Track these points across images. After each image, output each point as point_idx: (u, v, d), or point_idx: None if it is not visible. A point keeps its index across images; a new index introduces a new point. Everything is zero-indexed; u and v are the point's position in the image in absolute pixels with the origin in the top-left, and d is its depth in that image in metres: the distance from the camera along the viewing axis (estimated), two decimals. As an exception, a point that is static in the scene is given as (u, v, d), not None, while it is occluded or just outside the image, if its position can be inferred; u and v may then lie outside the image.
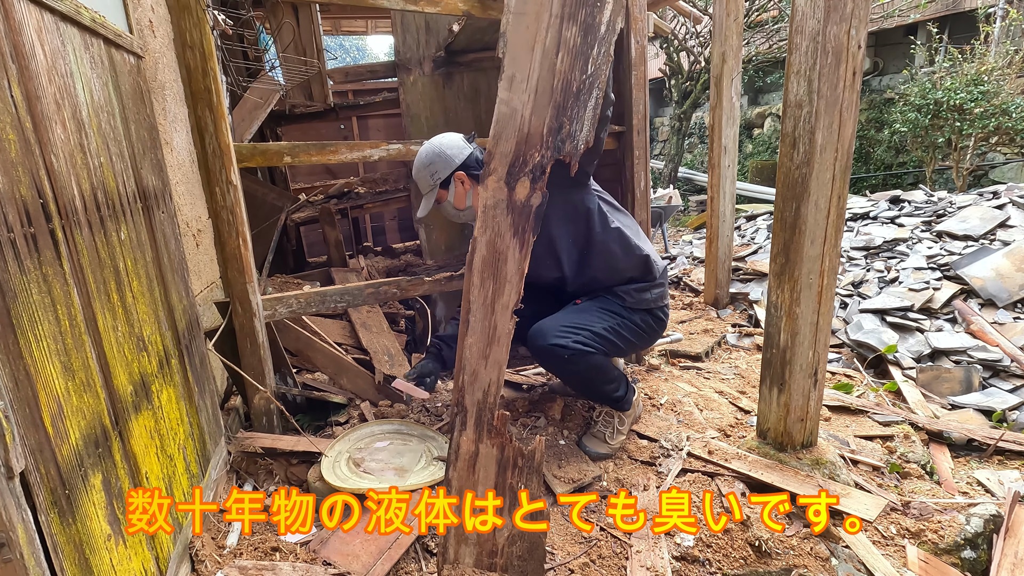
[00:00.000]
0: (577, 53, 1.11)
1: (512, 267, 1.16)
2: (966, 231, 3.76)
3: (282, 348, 2.16)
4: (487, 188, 1.15)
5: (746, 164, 10.66)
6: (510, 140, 1.13)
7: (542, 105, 1.12)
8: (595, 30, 1.11)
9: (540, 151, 1.13)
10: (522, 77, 1.11)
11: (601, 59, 1.12)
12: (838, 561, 1.56)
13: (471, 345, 1.21)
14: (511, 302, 1.18)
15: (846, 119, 1.63)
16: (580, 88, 1.12)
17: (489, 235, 1.15)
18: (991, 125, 6.84)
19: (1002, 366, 2.75)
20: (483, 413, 1.24)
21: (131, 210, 1.32)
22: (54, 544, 0.86)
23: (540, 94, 1.11)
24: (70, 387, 0.96)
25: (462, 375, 1.24)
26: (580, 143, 1.14)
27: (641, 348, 2.15)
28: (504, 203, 1.14)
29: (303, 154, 2.05)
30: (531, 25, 1.10)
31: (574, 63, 1.11)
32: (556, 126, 1.12)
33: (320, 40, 3.07)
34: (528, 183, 1.13)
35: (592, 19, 1.10)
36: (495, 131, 1.14)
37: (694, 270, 4.95)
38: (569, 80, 1.11)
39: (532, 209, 1.14)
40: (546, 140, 1.12)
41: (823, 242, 1.72)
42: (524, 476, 1.27)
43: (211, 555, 1.45)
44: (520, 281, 1.18)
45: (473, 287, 1.18)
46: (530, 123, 1.12)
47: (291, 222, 3.53)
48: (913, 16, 8.42)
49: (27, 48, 0.94)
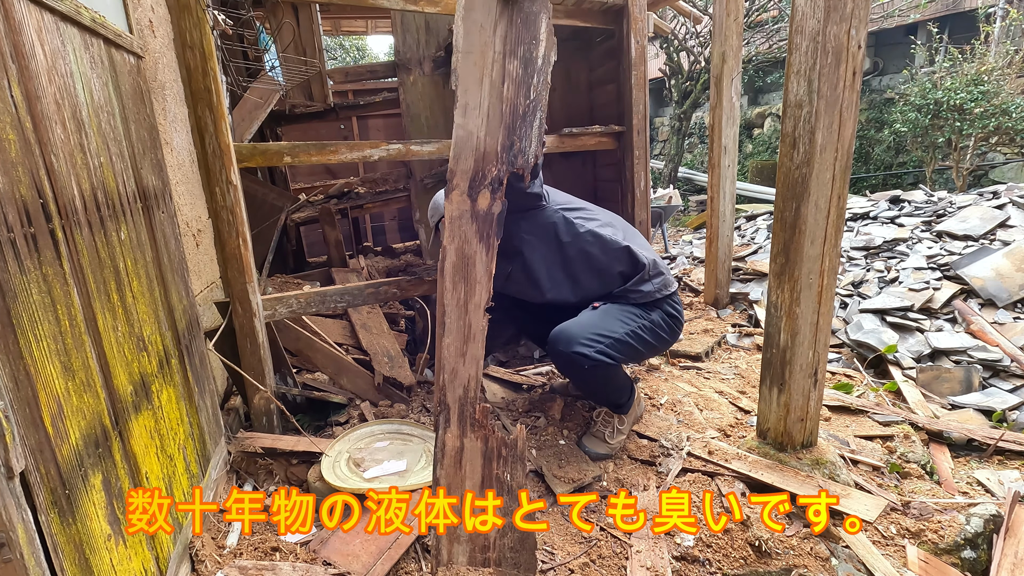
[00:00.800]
0: (520, 82, 1.30)
1: (481, 269, 1.28)
2: (966, 231, 3.76)
3: (282, 348, 2.16)
4: (452, 202, 1.29)
5: (746, 164, 10.66)
6: (468, 159, 1.28)
7: (494, 127, 1.29)
8: (533, 63, 1.30)
9: (496, 166, 1.28)
10: (474, 105, 1.28)
11: (541, 86, 1.30)
12: (838, 561, 1.56)
13: (448, 345, 1.29)
14: (482, 301, 1.28)
15: (846, 119, 1.63)
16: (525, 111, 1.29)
17: (457, 243, 1.28)
18: (991, 125, 6.84)
19: (1002, 366, 2.75)
20: (465, 408, 1.29)
21: (131, 210, 1.32)
22: (54, 544, 0.86)
23: (492, 118, 1.29)
24: (70, 387, 0.96)
25: (442, 374, 1.31)
26: (530, 156, 1.31)
27: (660, 351, 2.12)
28: (468, 213, 1.28)
29: (303, 154, 2.05)
30: (478, 61, 1.28)
31: (518, 91, 1.30)
32: (508, 144, 1.29)
33: (320, 40, 3.06)
34: (489, 194, 1.28)
35: (530, 54, 1.29)
36: (454, 152, 1.29)
37: (694, 270, 4.95)
38: (516, 105, 1.29)
39: (494, 216, 1.28)
40: (501, 156, 1.29)
41: (823, 242, 1.71)
42: (509, 465, 1.32)
43: (211, 555, 1.45)
44: (489, 282, 1.29)
45: (447, 291, 1.29)
46: (485, 143, 1.29)
47: (291, 222, 3.53)
48: (913, 16, 8.42)
49: (27, 48, 0.94)
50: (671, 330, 2.03)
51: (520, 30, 1.31)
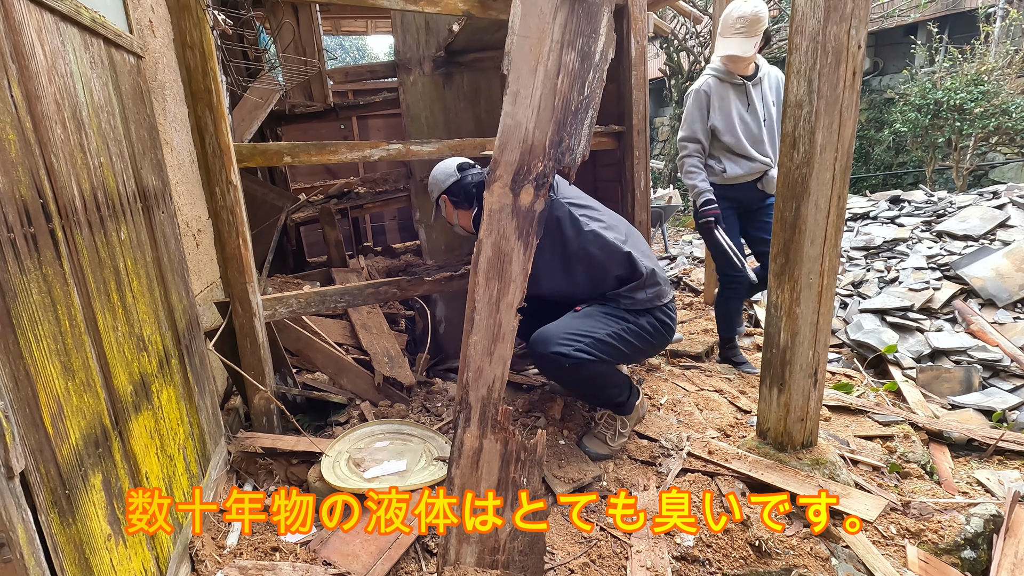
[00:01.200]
0: (576, 76, 1.23)
1: (517, 268, 1.22)
2: (966, 231, 3.76)
3: (282, 348, 2.16)
4: (492, 193, 1.22)
5: (746, 164, 10.63)
6: (515, 150, 1.21)
7: (544, 120, 1.21)
8: (591, 57, 1.23)
9: (543, 161, 1.21)
10: (526, 94, 1.21)
11: (596, 83, 1.25)
12: (838, 561, 1.56)
13: (476, 343, 1.25)
14: (515, 301, 1.23)
15: (846, 119, 1.63)
16: (578, 107, 1.23)
17: (495, 237, 1.22)
18: (991, 125, 6.84)
19: (1002, 366, 2.75)
20: (487, 409, 1.26)
21: (131, 210, 1.32)
22: (54, 544, 0.86)
23: (543, 110, 1.21)
24: (70, 387, 0.96)
25: (466, 372, 1.27)
26: (577, 156, 1.24)
27: (650, 354, 2.12)
28: (509, 208, 1.21)
29: (303, 154, 2.05)
30: (534, 48, 1.20)
31: (572, 84, 1.23)
32: (557, 140, 1.22)
33: (320, 40, 3.06)
34: (532, 190, 1.21)
35: (588, 48, 1.23)
36: (500, 141, 1.22)
37: (694, 270, 4.95)
38: (568, 100, 1.22)
39: (535, 214, 1.22)
40: (548, 152, 1.22)
41: (823, 242, 1.71)
42: (527, 469, 1.30)
43: (211, 555, 1.45)
44: (524, 281, 1.24)
45: (478, 287, 1.23)
46: (534, 136, 1.21)
47: (291, 222, 3.53)
48: (913, 16, 8.42)
49: (27, 48, 0.94)
50: (659, 335, 2.02)
51: (581, 21, 1.23)
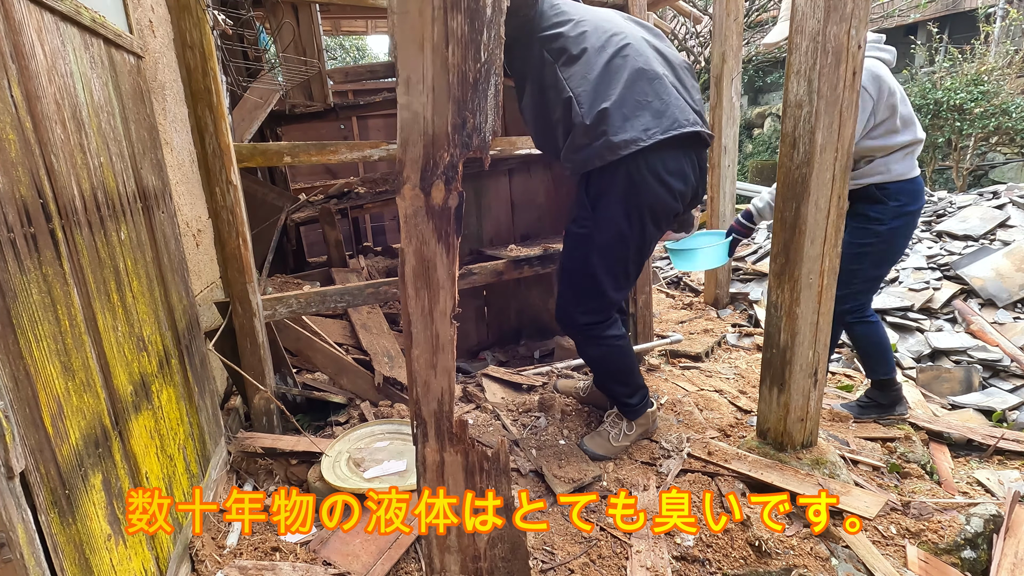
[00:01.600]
0: (467, 42, 1.06)
1: (443, 272, 1.13)
2: (966, 231, 3.76)
3: (282, 348, 2.16)
4: (404, 197, 1.11)
5: (746, 164, 10.67)
6: (417, 145, 1.08)
7: (442, 103, 1.07)
8: (481, 14, 1.05)
9: (449, 150, 1.08)
10: (417, 78, 1.06)
11: (493, 44, 1.07)
12: (838, 561, 1.56)
13: (418, 356, 1.19)
14: (448, 308, 1.15)
15: (846, 119, 1.63)
16: (477, 78, 1.07)
17: (415, 244, 1.12)
18: (991, 125, 6.84)
19: (1002, 366, 2.75)
20: (441, 422, 1.22)
21: (131, 210, 1.32)
22: (54, 544, 0.86)
23: (438, 92, 1.06)
24: (70, 387, 0.96)
25: (415, 387, 1.21)
26: (487, 134, 1.10)
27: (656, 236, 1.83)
28: (423, 209, 1.10)
29: (303, 154, 2.05)
30: (415, 23, 1.04)
31: (466, 53, 1.06)
32: (460, 122, 1.08)
33: (320, 40, 3.06)
34: (443, 185, 1.09)
35: (475, 3, 1.04)
36: (401, 138, 1.10)
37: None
38: (464, 72, 1.06)
39: (451, 211, 1.10)
40: (452, 138, 1.08)
41: (823, 242, 1.72)
42: (492, 479, 1.26)
43: (211, 555, 1.45)
44: (453, 286, 1.15)
45: (409, 298, 1.16)
46: (434, 124, 1.08)
47: (291, 222, 3.53)
48: (913, 16, 8.43)
49: (27, 48, 0.94)
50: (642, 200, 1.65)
51: None
